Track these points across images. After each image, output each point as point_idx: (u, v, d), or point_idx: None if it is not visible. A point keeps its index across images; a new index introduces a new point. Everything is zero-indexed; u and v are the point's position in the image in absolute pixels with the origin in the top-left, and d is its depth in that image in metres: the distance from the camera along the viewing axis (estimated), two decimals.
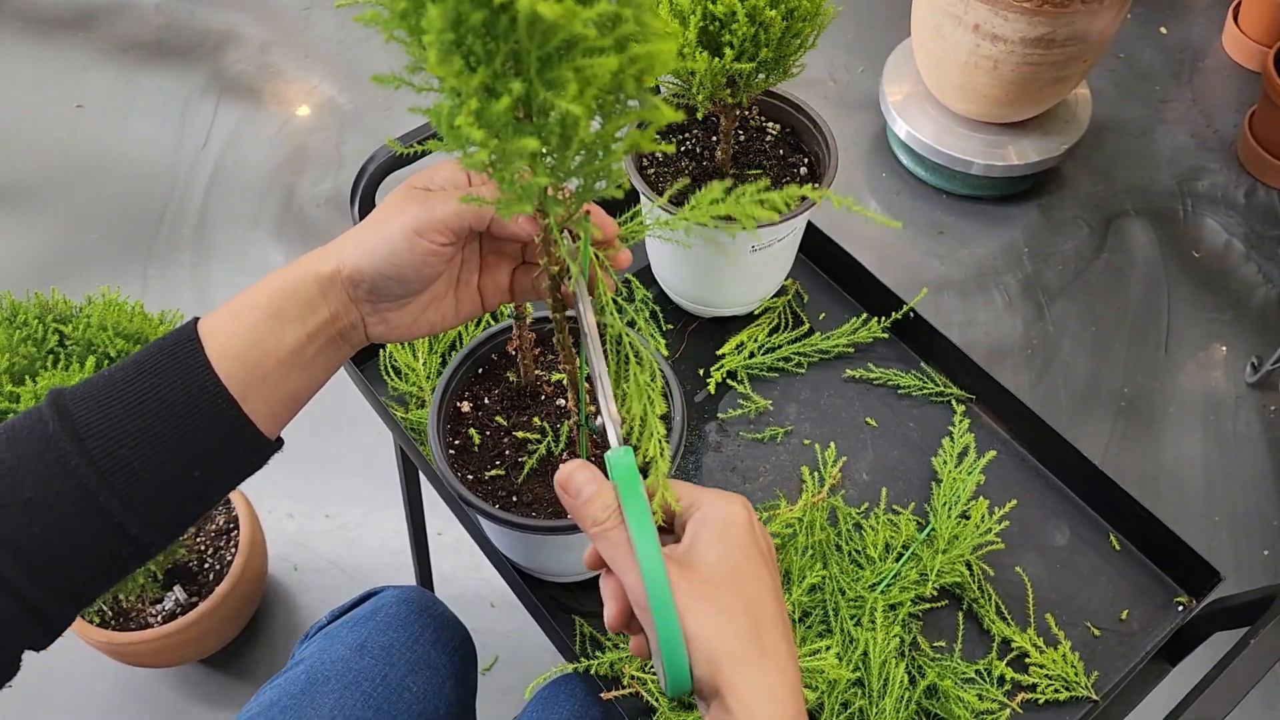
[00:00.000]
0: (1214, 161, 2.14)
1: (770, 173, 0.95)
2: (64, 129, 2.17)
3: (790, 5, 0.76)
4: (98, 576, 0.57)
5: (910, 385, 0.97)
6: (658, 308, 1.01)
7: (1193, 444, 1.74)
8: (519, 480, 0.75)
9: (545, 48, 0.39)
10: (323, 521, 1.59)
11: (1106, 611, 0.85)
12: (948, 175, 2.04)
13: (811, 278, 1.06)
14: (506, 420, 0.78)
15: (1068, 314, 1.89)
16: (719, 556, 0.53)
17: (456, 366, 0.78)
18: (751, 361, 0.97)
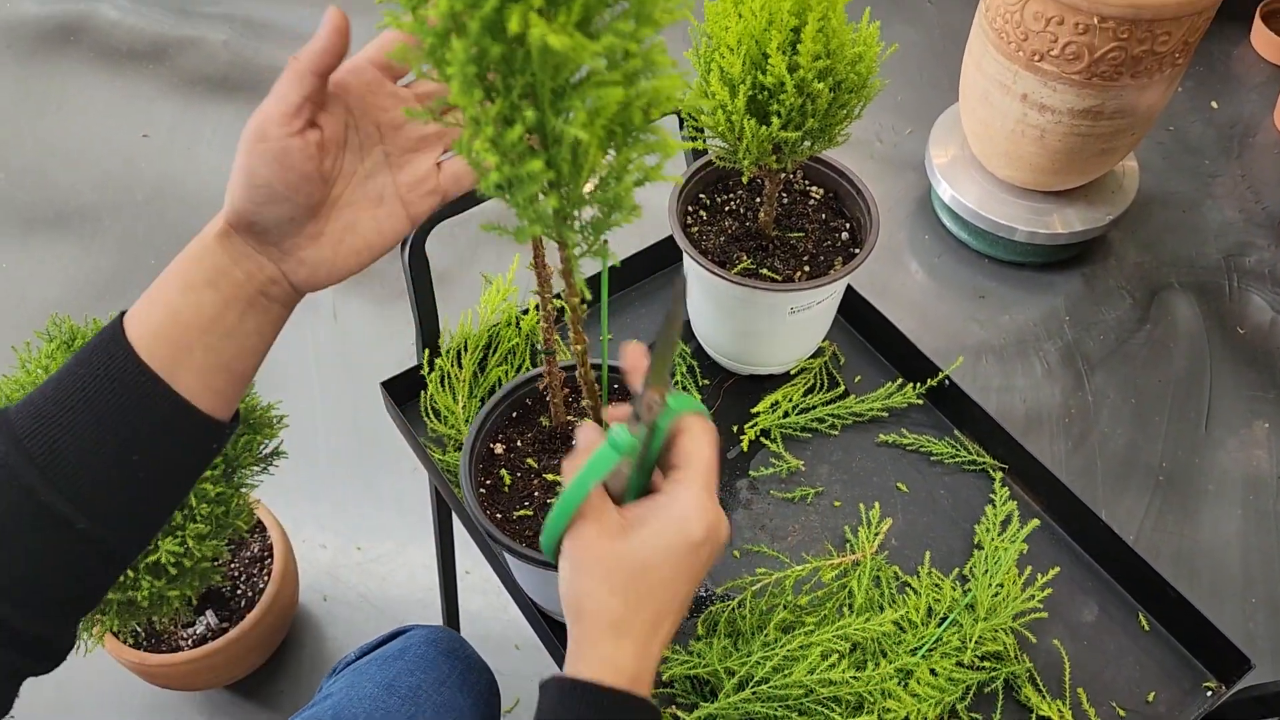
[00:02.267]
0: (1262, 238, 2.13)
1: (811, 236, 0.96)
2: (130, 157, 2.24)
3: (838, 78, 0.78)
4: (68, 586, 0.57)
5: (943, 453, 0.97)
6: (695, 362, 1.03)
7: (1231, 523, 1.71)
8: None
9: (558, 80, 0.41)
10: (355, 554, 1.61)
11: (1133, 692, 0.85)
12: (991, 240, 2.04)
13: (849, 340, 1.07)
14: (537, 462, 0.80)
15: (1107, 385, 1.88)
16: (646, 546, 0.57)
17: (491, 409, 0.80)
18: (785, 421, 0.98)
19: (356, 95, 0.59)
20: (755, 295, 0.90)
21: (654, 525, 0.58)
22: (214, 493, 1.03)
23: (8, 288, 1.99)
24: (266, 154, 0.54)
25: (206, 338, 0.58)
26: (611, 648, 0.58)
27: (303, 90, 0.55)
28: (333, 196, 0.59)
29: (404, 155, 0.61)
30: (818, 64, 0.76)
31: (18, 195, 2.16)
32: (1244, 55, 2.52)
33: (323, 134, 0.57)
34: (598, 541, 0.57)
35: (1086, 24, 1.61)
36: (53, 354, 1.05)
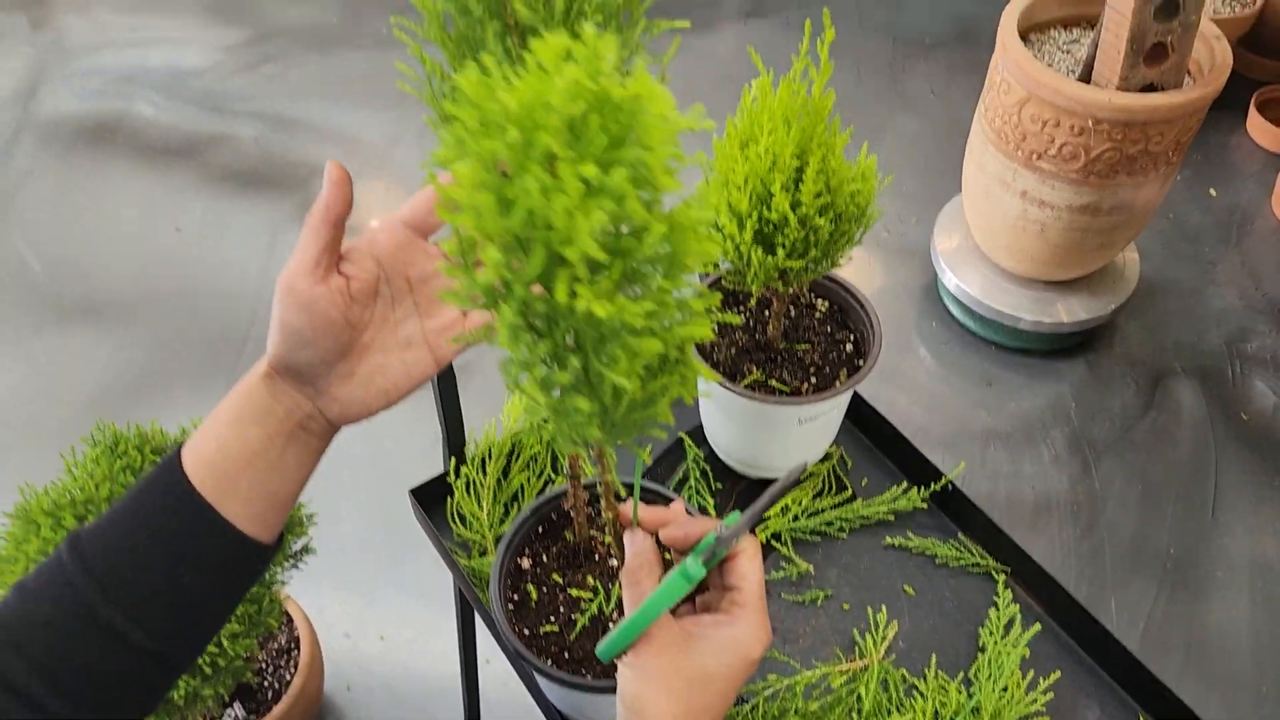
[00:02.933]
0: (1262, 324, 2.18)
1: (818, 349, 1.02)
2: (162, 250, 2.33)
3: (838, 211, 0.84)
4: (122, 693, 0.62)
5: (947, 556, 1.01)
6: (708, 466, 1.08)
7: (1240, 610, 1.73)
8: (572, 637, 0.81)
9: (600, 329, 0.47)
10: (378, 643, 1.65)
11: None
12: (996, 328, 2.09)
13: (855, 443, 1.11)
14: (562, 578, 0.84)
15: (1114, 472, 1.92)
16: (709, 660, 0.60)
17: (519, 525, 0.85)
18: (795, 524, 1.03)
19: (388, 251, 0.65)
20: (764, 407, 0.95)
21: (716, 642, 0.61)
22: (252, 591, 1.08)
23: (45, 379, 2.06)
24: (295, 304, 0.60)
25: (252, 469, 0.63)
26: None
27: (319, 242, 0.60)
28: (364, 341, 0.65)
29: (432, 304, 0.66)
30: (819, 200, 0.82)
31: (55, 287, 2.24)
32: (1240, 143, 2.60)
33: (350, 283, 0.62)
34: (662, 653, 0.61)
35: (1082, 126, 1.68)
36: (97, 459, 1.10)
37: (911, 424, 1.98)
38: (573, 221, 0.42)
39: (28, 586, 0.61)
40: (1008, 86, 1.76)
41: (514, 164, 0.42)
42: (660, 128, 0.42)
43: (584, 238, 0.41)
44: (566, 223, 0.42)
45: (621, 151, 0.42)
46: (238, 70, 2.80)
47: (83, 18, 2.98)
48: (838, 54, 2.93)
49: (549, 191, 0.42)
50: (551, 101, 0.41)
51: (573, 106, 0.41)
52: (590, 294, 0.43)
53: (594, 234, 0.42)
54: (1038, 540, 1.81)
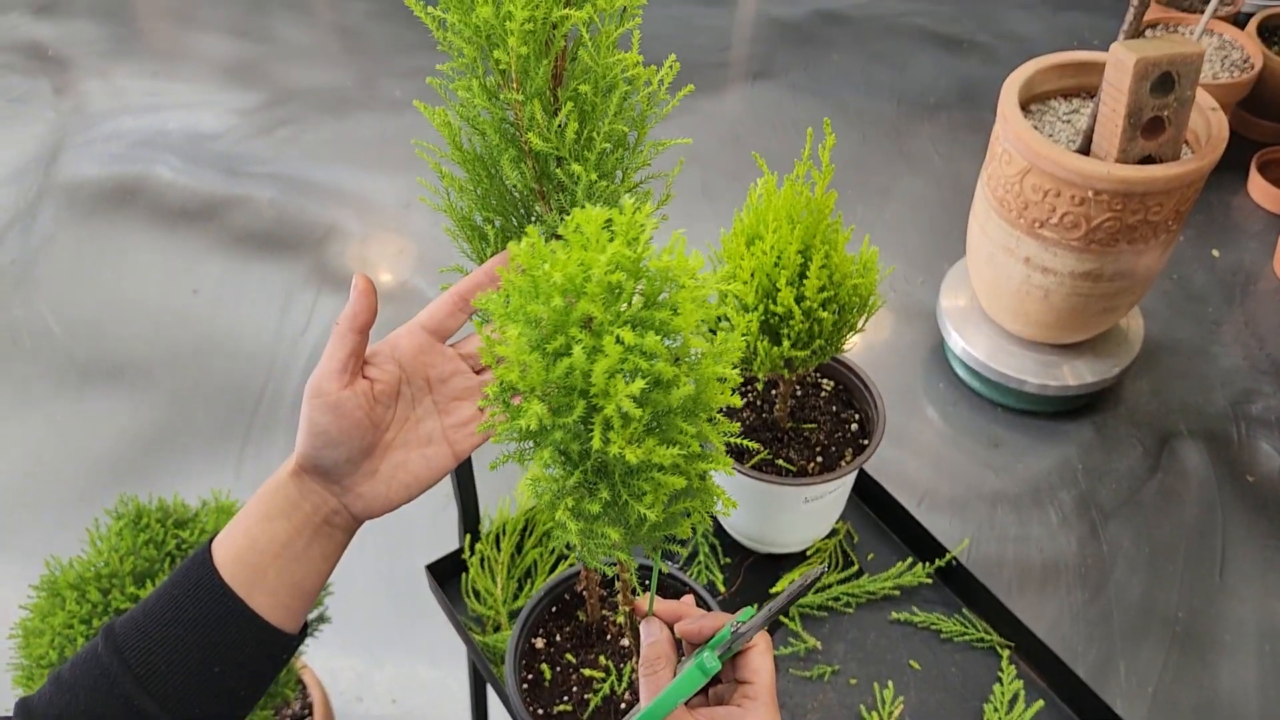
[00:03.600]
0: (1267, 384, 2.20)
1: (824, 428, 1.05)
2: (179, 311, 2.37)
3: (841, 302, 0.87)
4: None
5: (952, 631, 1.03)
6: (717, 541, 1.10)
7: (1249, 673, 1.74)
8: (585, 717, 0.83)
9: (628, 466, 0.50)
10: (390, 706, 1.66)
11: None
12: (1002, 390, 2.12)
13: (862, 518, 1.14)
14: (575, 658, 0.87)
15: (1122, 534, 1.93)
16: None
17: (534, 605, 0.87)
18: (803, 600, 1.05)
19: (409, 354, 0.68)
20: (772, 487, 0.97)
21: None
22: None
23: (65, 439, 2.09)
24: (323, 406, 0.63)
25: (279, 561, 0.66)
26: None
27: (345, 348, 0.64)
28: (386, 440, 0.68)
29: (450, 402, 0.70)
30: (822, 295, 0.85)
31: (74, 349, 2.28)
32: (1242, 204, 2.63)
33: (374, 386, 0.66)
34: None
35: (1082, 197, 1.71)
36: (120, 532, 1.13)
37: (919, 486, 2.00)
38: (612, 381, 0.45)
39: (64, 678, 0.64)
40: (1009, 157, 1.80)
41: (555, 325, 0.46)
42: (690, 295, 0.46)
43: (621, 396, 0.45)
44: (605, 381, 0.45)
45: (654, 313, 0.46)
46: (254, 134, 2.86)
47: (103, 82, 3.05)
48: (842, 115, 2.98)
49: (589, 351, 0.46)
50: (593, 273, 0.44)
51: (613, 275, 0.45)
52: (622, 439, 0.47)
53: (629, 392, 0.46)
54: (1046, 604, 1.82)
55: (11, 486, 2.01)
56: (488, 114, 0.60)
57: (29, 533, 1.92)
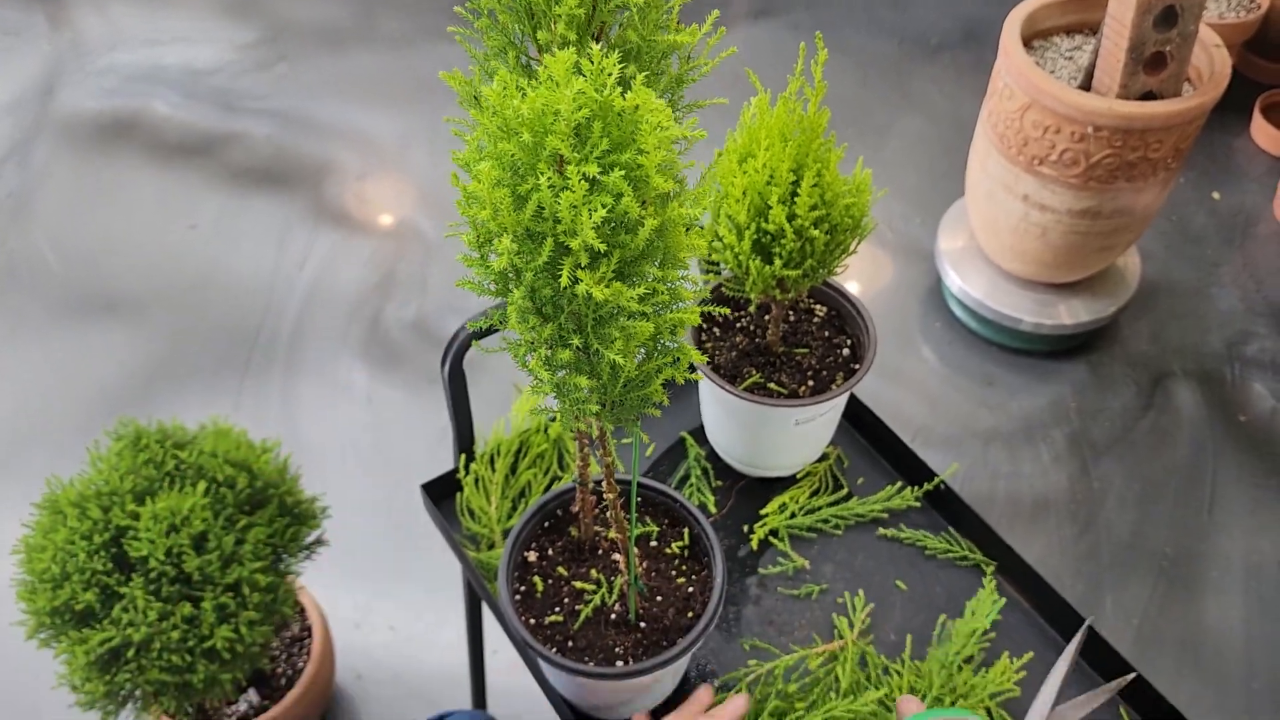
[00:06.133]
0: (1263, 326, 2.21)
1: (815, 353, 1.05)
2: (177, 248, 2.37)
3: (833, 223, 0.88)
4: None
5: (937, 549, 1.05)
6: (709, 465, 1.11)
7: (1234, 609, 1.76)
8: (575, 627, 0.85)
9: (598, 313, 0.51)
10: (388, 633, 1.69)
11: None
12: (998, 329, 2.12)
13: (852, 443, 1.15)
14: (567, 571, 0.88)
15: (1113, 471, 1.95)
16: None
17: (526, 520, 0.89)
18: (792, 522, 1.06)
19: None
20: (763, 409, 0.98)
21: None
22: (264, 582, 1.12)
23: (63, 372, 2.11)
24: None
25: None
26: None
27: None
28: None
29: None
30: (814, 213, 0.85)
31: (72, 283, 2.28)
32: (1244, 147, 2.62)
33: None
34: None
35: (1082, 133, 1.71)
36: (120, 453, 1.14)
37: (914, 423, 2.01)
38: (577, 215, 0.47)
39: None
40: (1010, 93, 1.79)
41: (526, 164, 0.47)
42: (655, 135, 0.47)
43: (586, 229, 0.46)
44: (571, 216, 0.47)
45: (621, 155, 0.47)
46: (251, 69, 2.84)
47: (99, 16, 3.02)
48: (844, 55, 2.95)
49: (557, 189, 0.47)
50: (560, 109, 0.45)
51: (579, 114, 0.46)
52: (590, 280, 0.48)
53: (594, 226, 0.47)
54: (1035, 538, 1.84)
55: (9, 417, 2.02)
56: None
57: (28, 460, 1.94)
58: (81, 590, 1.04)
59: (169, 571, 1.07)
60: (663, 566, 0.89)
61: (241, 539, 1.13)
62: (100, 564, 1.05)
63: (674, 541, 0.90)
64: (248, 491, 1.16)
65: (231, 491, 1.14)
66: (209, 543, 1.09)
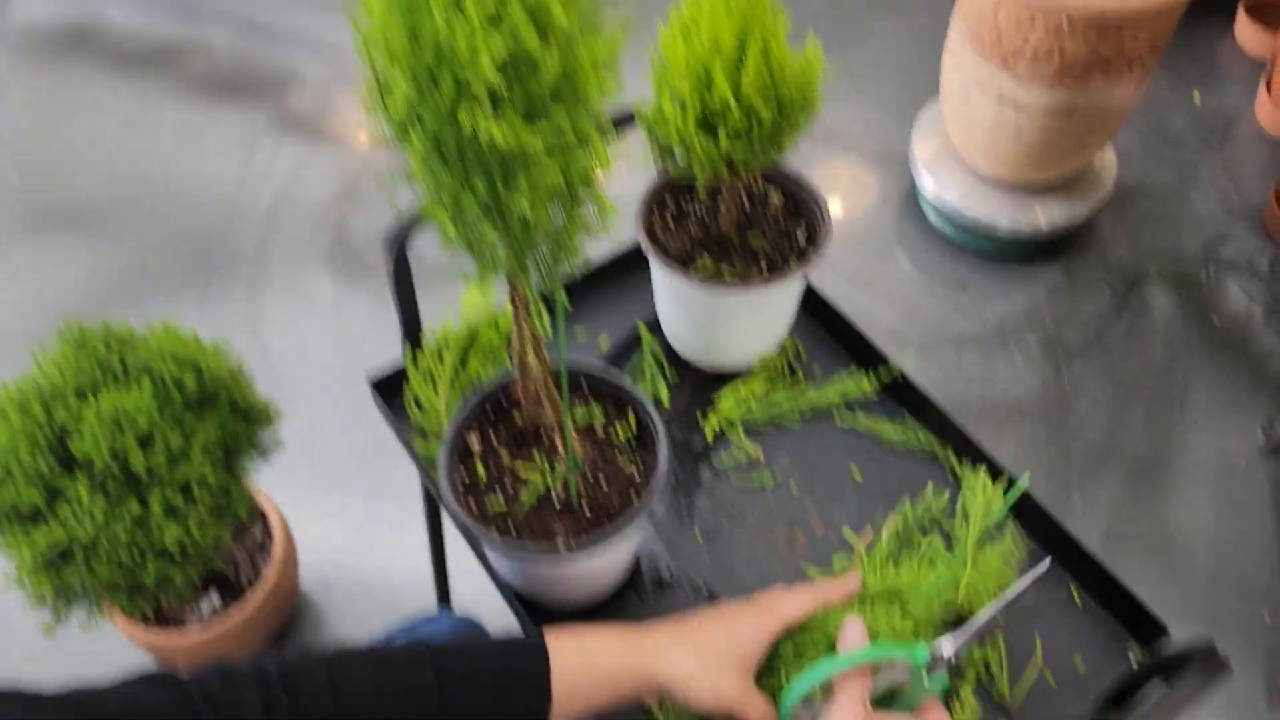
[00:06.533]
0: (1240, 228, 2.18)
1: (770, 239, 1.03)
2: (138, 160, 2.31)
3: (782, 98, 0.84)
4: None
5: (894, 438, 1.04)
6: (664, 358, 1.09)
7: (1203, 508, 1.77)
8: (518, 512, 0.83)
9: (504, 160, 0.48)
10: (355, 540, 1.69)
11: (1062, 660, 0.91)
12: (974, 234, 2.10)
13: (811, 335, 1.13)
14: (510, 457, 0.87)
15: (1086, 374, 1.94)
16: None
17: (468, 406, 0.87)
18: (748, 413, 1.05)
19: None
20: (715, 295, 0.96)
21: None
22: (215, 481, 1.10)
23: (23, 286, 2.07)
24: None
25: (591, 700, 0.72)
26: None
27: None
28: None
29: None
30: (761, 89, 0.82)
31: (32, 196, 2.23)
32: (1226, 48, 2.57)
33: None
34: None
35: (1056, 26, 1.66)
36: (65, 352, 1.12)
37: (886, 329, 1.99)
38: (474, 50, 0.44)
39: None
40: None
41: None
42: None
43: (484, 63, 0.43)
44: (469, 51, 0.44)
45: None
46: None
47: None
48: None
49: (453, 23, 0.44)
50: None
51: None
52: (491, 122, 0.45)
53: (494, 62, 0.44)
54: (1006, 441, 1.84)
55: None
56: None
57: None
58: (25, 488, 1.03)
59: (115, 470, 1.05)
60: (608, 452, 0.87)
61: (190, 438, 1.11)
62: (44, 463, 1.04)
63: (620, 427, 0.88)
64: (196, 391, 1.14)
65: (179, 391, 1.12)
66: (155, 441, 1.07)
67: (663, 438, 0.84)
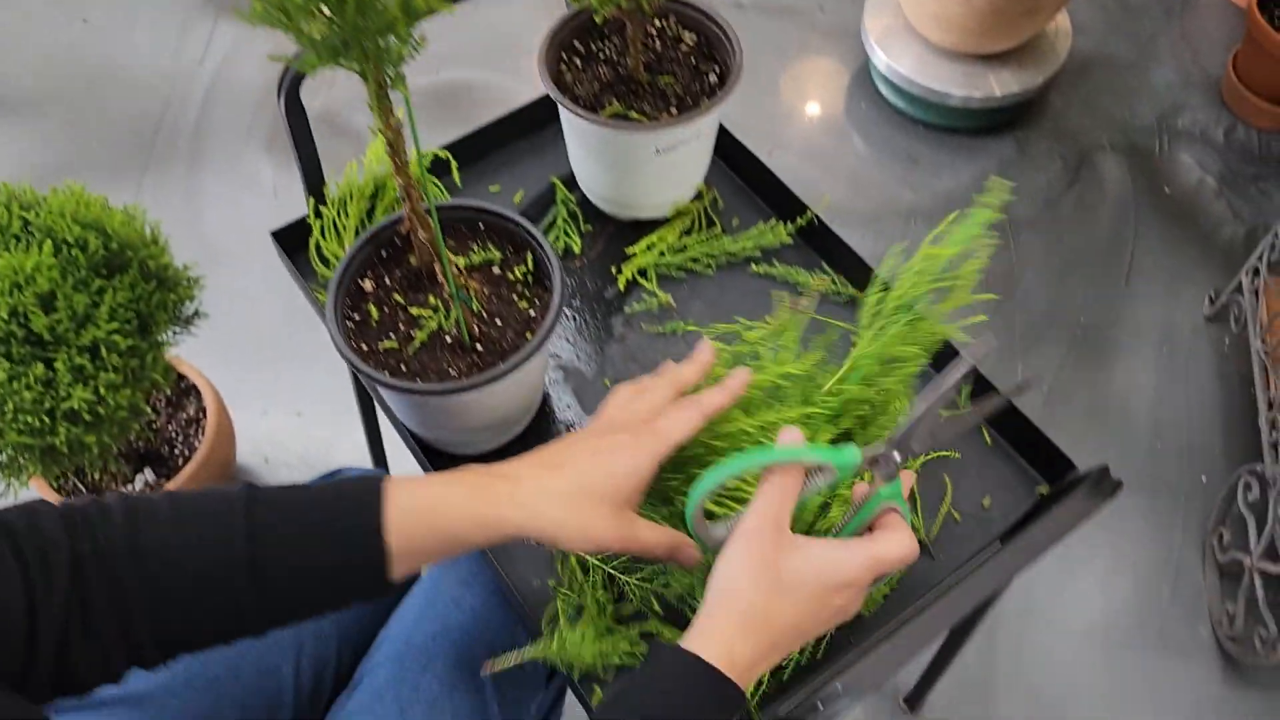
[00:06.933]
0: (1197, 97, 2.15)
1: (681, 81, 1.00)
2: (70, 42, 2.24)
3: None
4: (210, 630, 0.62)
5: (808, 283, 1.02)
6: (578, 209, 1.07)
7: (1145, 374, 1.77)
8: (410, 351, 0.82)
9: None
10: (295, 419, 1.68)
11: (971, 499, 0.91)
12: (925, 107, 2.06)
13: (728, 184, 1.11)
14: (404, 298, 0.85)
15: (1033, 245, 1.92)
16: (801, 566, 0.63)
17: (359, 247, 0.85)
18: (661, 260, 1.03)
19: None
20: (620, 136, 0.94)
21: (822, 553, 0.64)
22: (124, 345, 1.08)
23: None
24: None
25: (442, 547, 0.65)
26: (731, 637, 0.61)
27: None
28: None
29: None
30: None
31: None
32: None
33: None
34: (769, 542, 0.63)
35: None
36: None
37: (835, 204, 1.96)
38: None
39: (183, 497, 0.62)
40: None
41: None
42: None
43: None
44: None
45: None
46: None
47: None
48: None
49: None
50: None
51: None
52: None
53: None
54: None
55: None
56: None
57: None
58: None
59: (16, 331, 1.03)
60: (504, 292, 0.86)
61: (97, 301, 1.08)
62: None
63: (517, 267, 0.87)
64: (102, 253, 1.11)
65: (84, 253, 1.09)
66: (58, 302, 1.05)
67: (558, 273, 0.82)
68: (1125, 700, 1.46)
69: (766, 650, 0.62)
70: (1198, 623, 1.52)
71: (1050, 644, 1.49)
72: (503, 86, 2.16)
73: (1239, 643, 1.45)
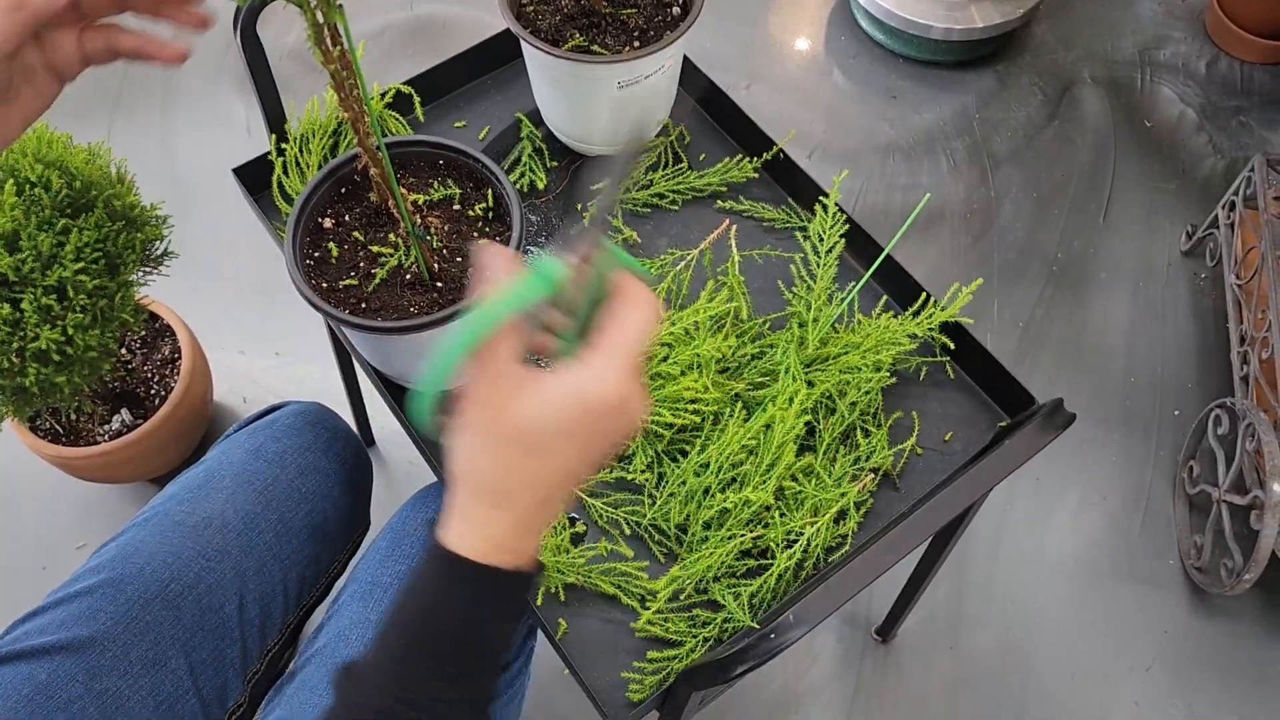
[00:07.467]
0: (1180, 30, 2.13)
1: (644, 12, 0.99)
2: None
3: None
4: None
5: (775, 219, 1.02)
6: (544, 145, 1.06)
7: (1120, 309, 1.78)
8: (370, 289, 0.82)
9: None
10: (273, 359, 1.68)
11: (933, 433, 0.92)
12: (906, 40, 2.03)
13: (695, 121, 1.10)
14: (364, 235, 0.85)
15: (1011, 180, 1.92)
16: (534, 408, 0.53)
17: (318, 184, 0.84)
18: (626, 195, 1.02)
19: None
20: (582, 70, 0.93)
21: (550, 388, 0.52)
22: (91, 285, 1.08)
23: None
24: None
25: None
26: (485, 516, 0.55)
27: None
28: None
29: (43, 34, 0.62)
30: None
31: None
32: None
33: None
34: (487, 395, 0.53)
35: None
36: None
37: (812, 140, 1.95)
38: None
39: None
40: None
41: None
42: None
43: None
44: None
45: None
46: None
47: None
48: None
49: None
50: None
51: None
52: None
53: None
54: (928, 246, 1.83)
55: None
56: None
57: None
58: None
59: None
60: (464, 229, 0.86)
61: (62, 241, 1.08)
62: None
63: (477, 204, 0.86)
64: (66, 193, 1.10)
65: (47, 193, 1.08)
66: (22, 242, 1.04)
67: (517, 209, 0.82)
68: (1094, 631, 1.48)
69: (537, 509, 0.55)
70: (1167, 554, 1.55)
71: (1021, 577, 1.52)
72: (479, 20, 2.13)
73: (1206, 573, 1.47)
